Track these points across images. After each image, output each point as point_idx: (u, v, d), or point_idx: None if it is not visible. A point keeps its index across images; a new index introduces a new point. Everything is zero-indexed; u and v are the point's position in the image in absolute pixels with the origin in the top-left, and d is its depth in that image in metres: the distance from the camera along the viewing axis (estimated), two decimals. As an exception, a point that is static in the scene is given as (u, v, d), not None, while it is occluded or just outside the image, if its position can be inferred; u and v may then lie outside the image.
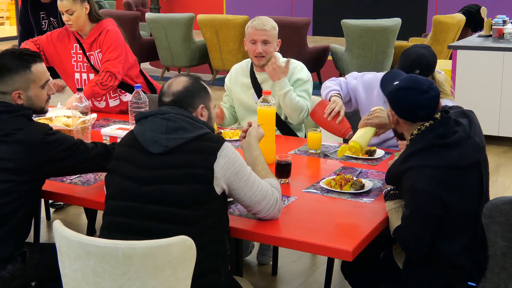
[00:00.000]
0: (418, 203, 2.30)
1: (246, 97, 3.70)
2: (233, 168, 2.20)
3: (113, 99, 4.03)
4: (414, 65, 3.05)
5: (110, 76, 3.85)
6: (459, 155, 2.32)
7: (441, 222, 2.33)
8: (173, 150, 2.18)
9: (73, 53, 3.99)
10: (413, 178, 2.32)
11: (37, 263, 2.55)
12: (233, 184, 2.21)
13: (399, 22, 8.34)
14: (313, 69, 9.02)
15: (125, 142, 2.31)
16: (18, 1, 15.69)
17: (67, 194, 2.69)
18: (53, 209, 4.59)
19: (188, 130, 2.20)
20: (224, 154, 2.19)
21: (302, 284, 3.57)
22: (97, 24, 3.91)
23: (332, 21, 13.75)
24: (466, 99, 6.13)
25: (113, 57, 3.86)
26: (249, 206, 2.30)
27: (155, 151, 2.18)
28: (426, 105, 2.37)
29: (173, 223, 2.11)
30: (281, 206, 2.36)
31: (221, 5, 15.96)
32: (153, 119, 2.24)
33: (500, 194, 4.89)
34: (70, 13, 3.80)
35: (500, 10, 10.37)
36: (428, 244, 2.35)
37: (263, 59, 3.56)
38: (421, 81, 2.40)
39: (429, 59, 3.10)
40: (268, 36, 3.51)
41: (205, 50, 9.55)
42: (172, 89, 2.30)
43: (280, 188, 2.41)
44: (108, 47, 3.86)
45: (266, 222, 2.35)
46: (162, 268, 1.94)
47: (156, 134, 2.19)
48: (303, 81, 3.62)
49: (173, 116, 2.22)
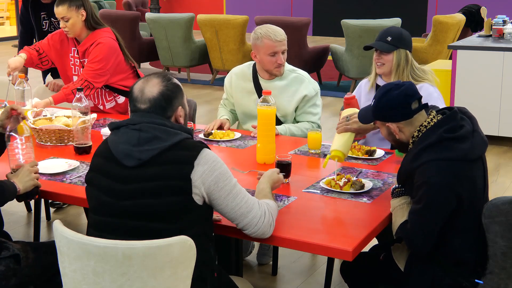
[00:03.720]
0: (433, 197, 2.29)
1: (248, 102, 3.69)
2: (213, 177, 2.08)
3: (109, 102, 4.03)
4: (385, 33, 3.33)
5: (88, 85, 3.79)
6: (469, 147, 2.33)
7: (452, 216, 2.33)
8: (147, 162, 2.07)
9: (71, 56, 3.99)
10: (428, 172, 2.30)
11: (33, 263, 2.55)
12: (214, 193, 2.10)
13: (399, 22, 8.35)
14: (313, 69, 9.03)
15: (100, 153, 2.21)
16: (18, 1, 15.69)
17: (67, 194, 2.69)
18: (53, 209, 4.59)
19: (161, 139, 2.09)
20: (203, 161, 2.08)
21: (302, 284, 3.57)
22: (93, 32, 3.86)
23: (332, 21, 13.76)
24: (466, 99, 6.13)
25: (94, 68, 3.80)
26: (234, 220, 2.17)
27: (129, 164, 2.09)
28: (408, 93, 2.39)
29: (153, 238, 1.99)
30: (272, 222, 2.22)
31: (221, 5, 15.97)
32: (125, 130, 2.14)
33: (500, 194, 4.89)
34: (66, 20, 3.77)
35: (500, 10, 10.37)
36: (434, 240, 2.34)
37: (283, 68, 3.59)
38: (386, 86, 2.46)
39: (401, 31, 3.33)
40: (286, 45, 3.54)
41: (205, 50, 9.55)
42: (147, 95, 2.15)
43: (276, 209, 2.30)
44: (93, 58, 3.81)
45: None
46: (162, 268, 1.94)
47: (128, 147, 2.10)
48: (310, 96, 3.63)
49: (144, 126, 2.11)
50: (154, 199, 2.06)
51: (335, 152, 2.74)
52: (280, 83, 3.62)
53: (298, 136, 3.59)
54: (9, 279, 2.46)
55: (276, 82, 3.61)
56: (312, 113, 3.64)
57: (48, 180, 2.81)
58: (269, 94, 2.98)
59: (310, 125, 3.62)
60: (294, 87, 3.60)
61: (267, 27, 3.55)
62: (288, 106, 3.61)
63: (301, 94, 3.59)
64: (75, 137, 3.19)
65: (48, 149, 3.27)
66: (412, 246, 2.39)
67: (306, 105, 3.63)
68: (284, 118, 3.66)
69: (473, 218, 2.38)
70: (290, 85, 3.62)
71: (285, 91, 3.61)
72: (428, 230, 2.32)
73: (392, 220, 2.44)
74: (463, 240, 2.38)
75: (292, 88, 3.61)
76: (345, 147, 2.76)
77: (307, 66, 8.72)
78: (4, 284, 2.44)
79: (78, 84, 3.77)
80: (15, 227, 4.29)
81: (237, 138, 3.46)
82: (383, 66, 3.34)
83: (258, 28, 3.56)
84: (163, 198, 2.05)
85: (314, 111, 3.65)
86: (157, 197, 2.06)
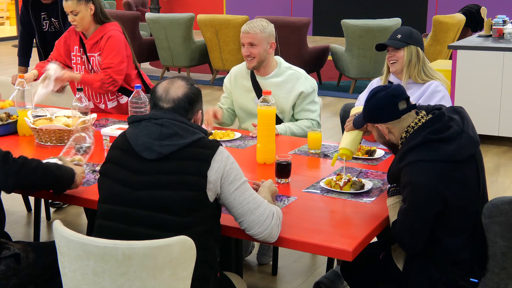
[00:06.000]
0: (416, 197, 2.31)
1: (247, 100, 3.70)
2: (225, 170, 2.15)
3: (111, 101, 4.04)
4: (395, 32, 3.39)
5: (113, 82, 3.86)
6: (455, 149, 2.33)
7: (441, 217, 2.34)
8: (167, 156, 2.14)
9: (73, 55, 4.01)
10: (411, 173, 2.33)
11: (33, 262, 2.55)
12: (224, 186, 2.16)
13: (399, 22, 8.35)
14: (313, 69, 9.02)
15: (117, 145, 2.26)
16: (18, 1, 15.69)
17: (67, 194, 2.68)
18: (53, 209, 4.59)
19: (182, 136, 2.16)
20: (218, 159, 2.15)
21: (302, 284, 3.57)
22: (101, 26, 3.91)
23: (332, 21, 13.77)
24: (466, 99, 6.13)
25: (115, 63, 3.85)
26: (241, 216, 2.19)
27: (148, 157, 2.14)
28: (395, 94, 2.42)
29: (162, 229, 2.08)
30: (279, 225, 2.24)
31: (221, 5, 15.96)
32: (146, 123, 2.19)
33: (500, 194, 4.89)
34: (75, 14, 3.81)
35: (500, 10, 10.37)
36: (424, 239, 2.36)
37: (253, 61, 3.58)
38: (374, 89, 2.48)
39: (411, 29, 3.38)
40: (253, 39, 3.52)
41: (205, 50, 9.55)
42: (172, 95, 2.22)
43: (281, 215, 2.29)
44: (109, 53, 3.85)
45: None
46: (162, 268, 1.94)
47: (149, 140, 2.15)
48: (307, 93, 3.63)
49: (166, 122, 2.17)
50: (169, 192, 2.11)
51: (343, 150, 2.75)
52: (276, 80, 3.63)
53: (298, 134, 3.59)
54: (9, 278, 2.47)
55: (272, 79, 3.63)
56: (310, 110, 3.64)
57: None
58: (269, 94, 2.98)
59: (310, 123, 3.62)
60: (290, 84, 3.61)
61: (254, 20, 3.63)
62: (285, 103, 3.62)
63: (298, 90, 3.60)
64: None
65: (48, 149, 3.27)
66: (401, 244, 2.42)
67: (304, 102, 3.63)
68: (282, 115, 3.66)
69: (465, 218, 2.38)
70: (286, 81, 3.63)
71: (281, 88, 3.62)
72: (414, 229, 2.34)
73: (389, 217, 2.45)
74: (457, 240, 2.38)
75: (288, 85, 3.62)
76: (352, 145, 2.76)
77: (307, 66, 8.71)
78: (4, 283, 2.45)
79: (105, 78, 3.83)
80: (15, 227, 4.29)
81: (237, 138, 3.46)
82: (396, 63, 3.38)
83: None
84: (178, 192, 2.10)
85: (313, 108, 3.65)
86: (171, 190, 2.11)
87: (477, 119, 6.48)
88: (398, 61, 3.37)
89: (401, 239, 2.38)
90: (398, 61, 3.37)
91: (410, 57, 3.35)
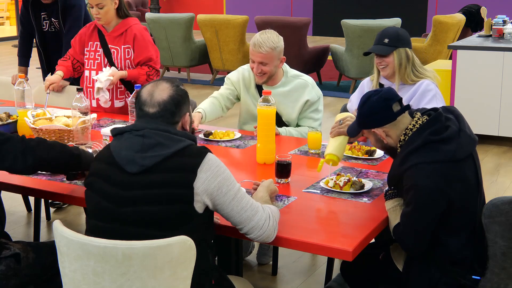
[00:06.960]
0: (422, 199, 2.30)
1: (253, 106, 3.68)
2: (216, 182, 2.07)
3: (119, 101, 4.03)
4: (381, 36, 3.34)
5: (157, 72, 3.99)
6: (454, 148, 2.33)
7: (444, 217, 2.34)
8: (150, 168, 2.06)
9: (87, 50, 4.06)
10: (415, 176, 2.32)
11: (33, 262, 2.56)
12: (218, 199, 2.09)
13: (399, 22, 8.35)
14: (313, 69, 9.03)
15: (102, 158, 2.19)
16: (18, 1, 15.69)
17: (67, 194, 2.69)
18: (53, 209, 4.59)
19: (165, 146, 2.07)
20: (206, 168, 2.06)
21: (302, 284, 3.57)
22: (124, 20, 3.99)
23: (332, 21, 13.77)
24: (466, 99, 6.13)
25: (154, 54, 3.98)
26: (240, 223, 2.16)
27: (131, 170, 2.07)
28: (388, 97, 2.42)
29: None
30: (276, 226, 2.21)
31: (221, 5, 15.97)
32: (128, 135, 2.12)
33: (500, 194, 4.89)
34: (100, 7, 3.87)
35: (500, 10, 10.38)
36: (427, 241, 2.36)
37: (263, 77, 3.55)
38: (366, 94, 2.48)
39: (397, 30, 3.35)
40: (264, 58, 3.47)
41: (205, 50, 9.55)
42: (157, 98, 2.13)
43: (279, 214, 2.28)
44: (145, 47, 3.96)
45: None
46: (162, 268, 1.94)
47: (131, 153, 2.08)
48: (312, 101, 3.62)
49: (148, 132, 2.09)
50: (154, 207, 2.04)
51: (329, 156, 2.74)
52: (283, 90, 3.61)
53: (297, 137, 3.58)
54: (10, 278, 2.47)
55: (279, 89, 3.60)
56: (313, 119, 3.64)
57: (48, 180, 2.81)
58: (269, 94, 2.98)
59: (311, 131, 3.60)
60: (297, 93, 3.60)
61: (263, 33, 3.52)
62: (292, 112, 3.62)
63: (304, 99, 3.59)
64: (75, 137, 3.19)
65: (48, 149, 3.27)
66: (404, 247, 2.41)
67: (308, 110, 3.62)
68: (288, 123, 3.67)
69: (466, 217, 2.38)
70: (293, 90, 3.61)
71: (288, 97, 3.60)
72: (419, 232, 2.34)
73: (389, 220, 2.45)
74: (457, 239, 2.39)
75: (295, 94, 3.60)
76: (338, 151, 2.75)
77: (307, 66, 8.72)
78: (5, 283, 2.45)
79: (149, 71, 3.95)
80: (15, 227, 4.29)
81: (237, 138, 3.46)
82: (386, 68, 3.37)
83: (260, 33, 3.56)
84: (164, 206, 2.04)
85: (316, 116, 3.64)
86: (158, 205, 2.04)
87: (477, 119, 6.52)
88: (388, 65, 3.36)
89: (405, 241, 2.37)
90: (388, 66, 3.36)
91: (400, 60, 3.35)
